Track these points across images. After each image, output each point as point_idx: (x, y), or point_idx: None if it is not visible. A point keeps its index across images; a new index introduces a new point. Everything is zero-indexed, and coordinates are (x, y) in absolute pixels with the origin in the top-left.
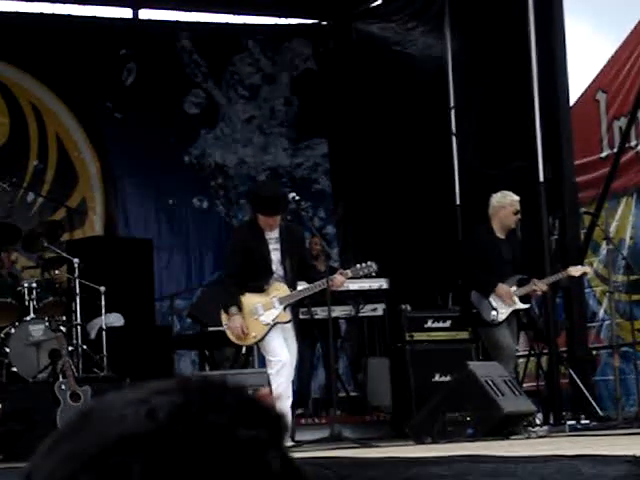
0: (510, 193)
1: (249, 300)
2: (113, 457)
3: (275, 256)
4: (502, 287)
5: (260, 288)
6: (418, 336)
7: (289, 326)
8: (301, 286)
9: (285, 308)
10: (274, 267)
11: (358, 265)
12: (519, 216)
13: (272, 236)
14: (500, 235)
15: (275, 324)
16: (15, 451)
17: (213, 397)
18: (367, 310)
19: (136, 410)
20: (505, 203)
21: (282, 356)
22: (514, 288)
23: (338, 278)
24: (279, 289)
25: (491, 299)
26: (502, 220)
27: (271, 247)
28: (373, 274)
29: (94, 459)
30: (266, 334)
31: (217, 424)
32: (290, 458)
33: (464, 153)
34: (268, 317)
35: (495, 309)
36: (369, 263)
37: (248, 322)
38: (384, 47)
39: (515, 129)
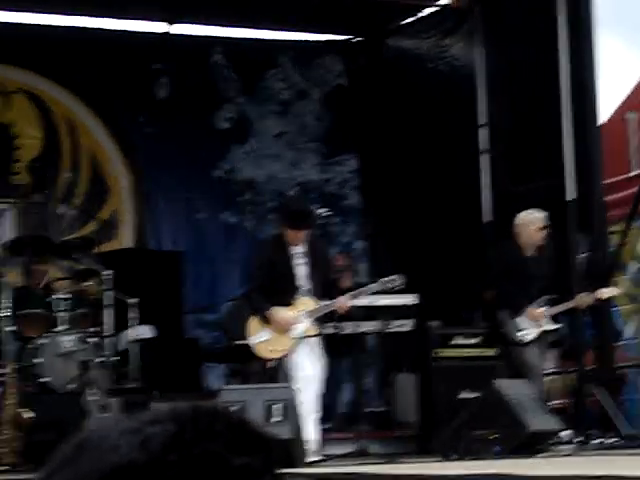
0: (535, 210)
1: (277, 315)
2: None
3: (301, 271)
4: (533, 311)
5: (286, 302)
6: (445, 352)
7: (316, 340)
8: (326, 301)
9: (313, 322)
10: (300, 281)
11: (384, 279)
12: (546, 232)
13: (298, 251)
14: (528, 252)
15: (303, 338)
16: (45, 461)
17: (205, 425)
18: (395, 326)
19: (130, 440)
20: (527, 221)
21: (308, 371)
22: (544, 308)
23: (340, 300)
24: (306, 303)
25: (519, 320)
26: (528, 238)
27: (297, 262)
28: (399, 287)
29: None
30: (294, 348)
31: (210, 452)
32: None
33: (493, 170)
34: (296, 331)
35: (522, 329)
36: (394, 277)
37: (276, 336)
38: (415, 63)
39: (544, 147)
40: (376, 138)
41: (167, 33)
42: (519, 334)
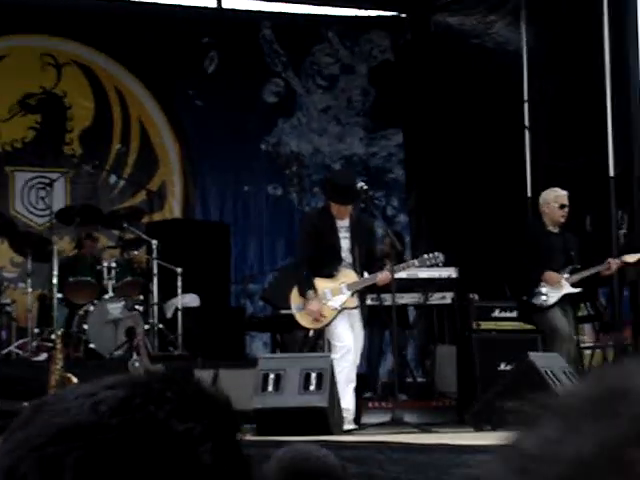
0: (556, 189)
1: (318, 285)
2: (51, 447)
3: (345, 244)
4: (549, 273)
5: (329, 274)
6: (485, 325)
7: (356, 312)
8: (368, 274)
9: (352, 294)
10: (343, 254)
11: (425, 255)
12: (565, 210)
13: (343, 225)
14: (553, 229)
15: (342, 309)
16: None
17: (156, 392)
18: (436, 298)
19: (82, 403)
20: (549, 199)
21: (347, 341)
22: (566, 275)
23: (381, 276)
24: (347, 276)
25: (540, 287)
26: (549, 215)
27: (341, 235)
28: (440, 264)
29: (34, 449)
30: (333, 319)
31: (153, 417)
32: (231, 451)
33: (536, 146)
34: (336, 302)
35: (543, 294)
36: (436, 254)
37: (316, 308)
38: (461, 40)
39: (587, 123)
40: (421, 113)
41: (217, 8)
42: (541, 298)
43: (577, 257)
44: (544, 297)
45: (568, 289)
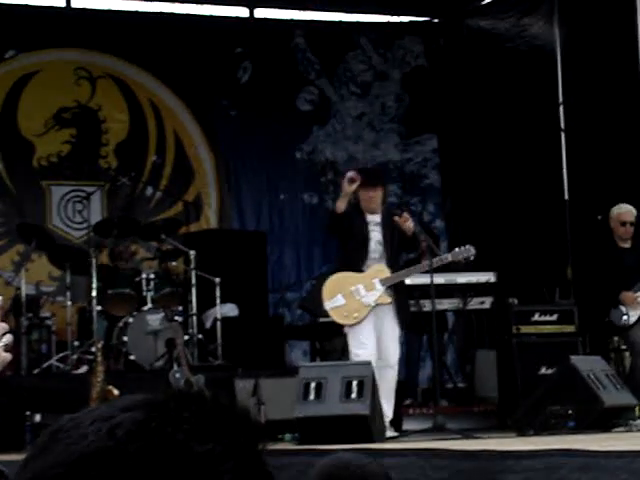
0: (621, 205)
1: (351, 281)
2: (70, 477)
3: (376, 238)
4: (625, 294)
5: (360, 269)
6: (525, 329)
7: (388, 308)
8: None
9: (387, 290)
10: (374, 247)
11: (457, 249)
12: (628, 227)
13: (372, 219)
14: (624, 244)
15: (377, 305)
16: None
17: (173, 412)
18: (475, 303)
19: (99, 428)
20: (613, 216)
21: (368, 349)
22: (638, 293)
23: (403, 218)
24: (380, 270)
25: (621, 306)
26: (615, 232)
27: (371, 228)
28: (471, 258)
29: (52, 479)
30: (366, 316)
31: (172, 440)
32: (253, 467)
33: (572, 148)
34: (370, 298)
35: (625, 314)
36: (467, 247)
37: (350, 302)
38: (495, 43)
39: (624, 124)
40: (455, 118)
41: (250, 17)
42: (623, 319)
43: None
44: (625, 317)
45: None
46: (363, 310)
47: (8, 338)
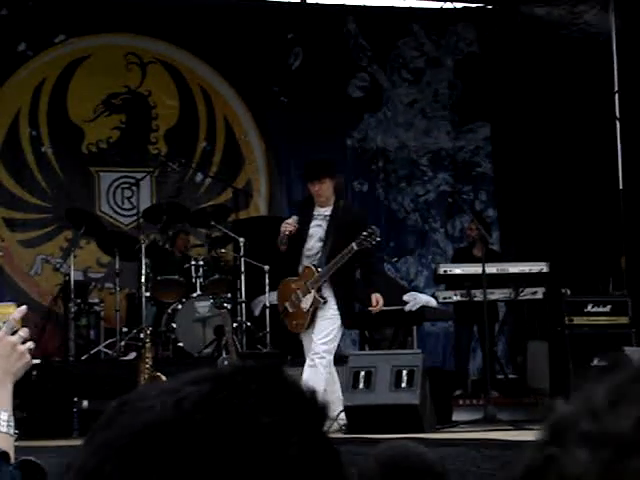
0: None
1: (292, 286)
2: (136, 447)
3: (318, 233)
4: None
5: (294, 270)
6: (578, 320)
7: (328, 306)
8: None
9: (318, 291)
10: (311, 244)
11: (362, 235)
12: None
13: (322, 212)
14: None
15: (313, 308)
16: None
17: (240, 385)
18: (527, 293)
19: (165, 400)
20: None
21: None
22: None
23: (375, 297)
24: (309, 271)
25: None
26: None
27: (317, 222)
28: (374, 242)
29: (118, 450)
30: (310, 322)
31: (238, 411)
32: (318, 444)
33: (628, 137)
34: (307, 303)
35: None
36: (373, 228)
37: (295, 310)
38: (548, 31)
39: None
40: (508, 106)
41: (301, 3)
42: None
43: None
44: None
45: None
46: (304, 316)
47: (29, 345)
